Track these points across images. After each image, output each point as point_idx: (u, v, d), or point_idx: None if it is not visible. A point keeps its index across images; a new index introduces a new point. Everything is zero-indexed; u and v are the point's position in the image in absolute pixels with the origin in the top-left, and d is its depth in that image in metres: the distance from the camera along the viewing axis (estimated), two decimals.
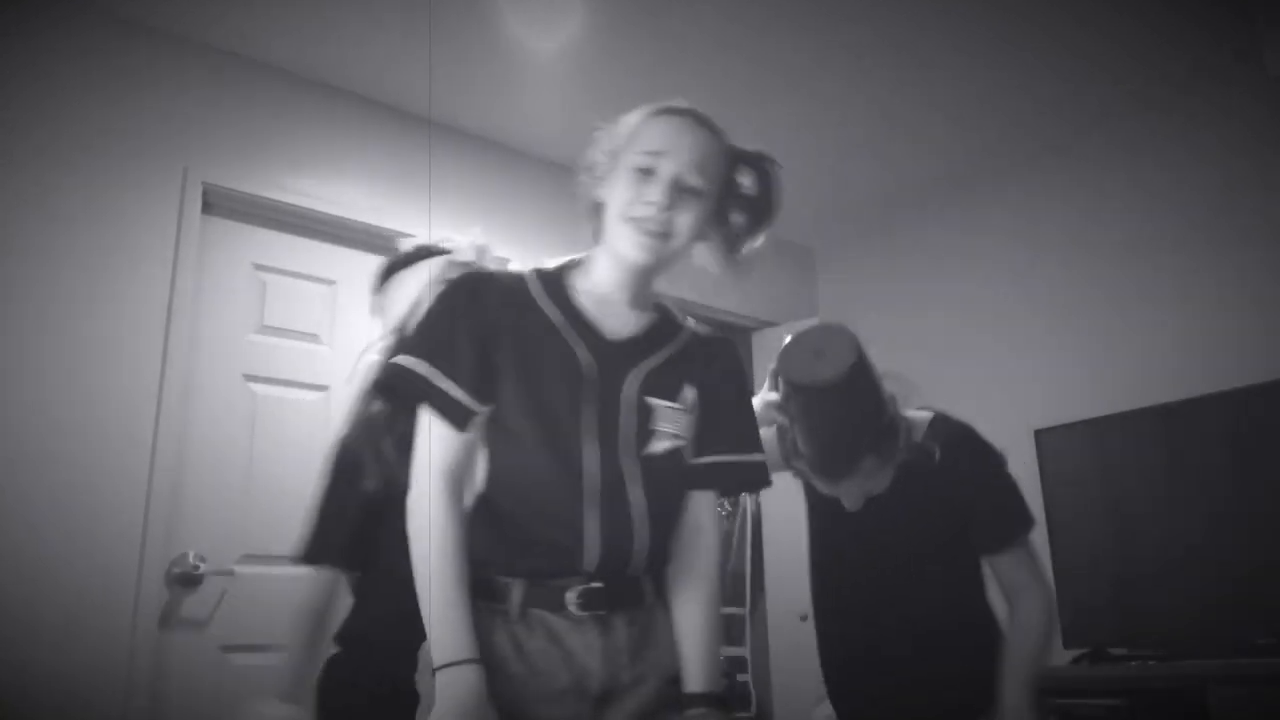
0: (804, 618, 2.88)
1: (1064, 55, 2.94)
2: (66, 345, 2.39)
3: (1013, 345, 3.56)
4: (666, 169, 1.21)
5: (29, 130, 2.44)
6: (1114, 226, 3.33)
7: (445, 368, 1.15)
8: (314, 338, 2.87)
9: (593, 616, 1.12)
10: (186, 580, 2.47)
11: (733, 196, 1.33)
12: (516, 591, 1.12)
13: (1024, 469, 3.25)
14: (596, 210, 1.28)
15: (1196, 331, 3.06)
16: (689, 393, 1.24)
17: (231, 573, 2.53)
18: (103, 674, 2.26)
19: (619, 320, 1.24)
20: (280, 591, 2.62)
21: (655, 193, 1.19)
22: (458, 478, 1.15)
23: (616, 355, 1.21)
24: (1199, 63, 3.02)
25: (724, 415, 1.28)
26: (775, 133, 3.38)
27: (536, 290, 1.24)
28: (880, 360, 1.76)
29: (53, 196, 2.44)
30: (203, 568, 2.49)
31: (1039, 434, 3.16)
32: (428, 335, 1.20)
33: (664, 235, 1.20)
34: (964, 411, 3.68)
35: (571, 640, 1.11)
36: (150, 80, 2.66)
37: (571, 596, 1.11)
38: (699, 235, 1.27)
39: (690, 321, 1.35)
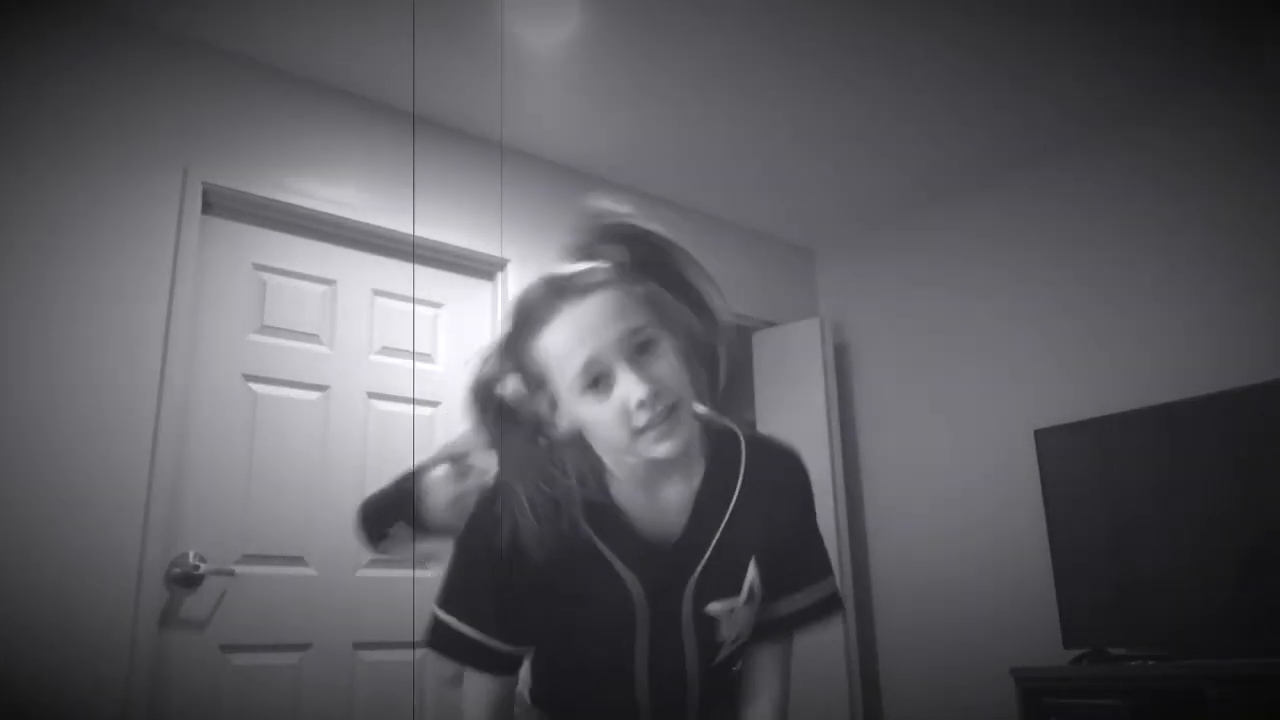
0: None
1: (1064, 56, 2.94)
2: (66, 345, 2.39)
3: (1013, 345, 3.56)
4: (615, 361, 1.03)
5: (29, 130, 2.44)
6: (1114, 226, 3.34)
7: (484, 625, 1.09)
8: (314, 338, 2.87)
9: None
10: (186, 580, 2.47)
11: (650, 274, 1.14)
12: None
13: (1024, 469, 3.26)
14: (584, 447, 1.10)
15: (1196, 331, 3.06)
16: (751, 575, 1.12)
17: (231, 573, 2.53)
18: (103, 674, 2.25)
19: (670, 513, 1.11)
20: (280, 592, 2.63)
21: (631, 390, 1.02)
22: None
23: (667, 569, 1.10)
24: (1199, 63, 3.02)
25: (790, 547, 1.17)
26: (775, 133, 3.38)
27: (583, 513, 1.09)
28: (880, 360, 1.76)
29: (53, 196, 2.44)
30: (203, 568, 2.49)
31: (1039, 434, 3.16)
32: (462, 588, 1.12)
33: (674, 413, 1.03)
34: (964, 411, 3.69)
35: None
36: (150, 80, 2.66)
37: None
38: (681, 355, 1.09)
39: (744, 441, 1.18)
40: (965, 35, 2.83)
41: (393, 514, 1.57)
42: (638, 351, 1.04)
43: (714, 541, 1.11)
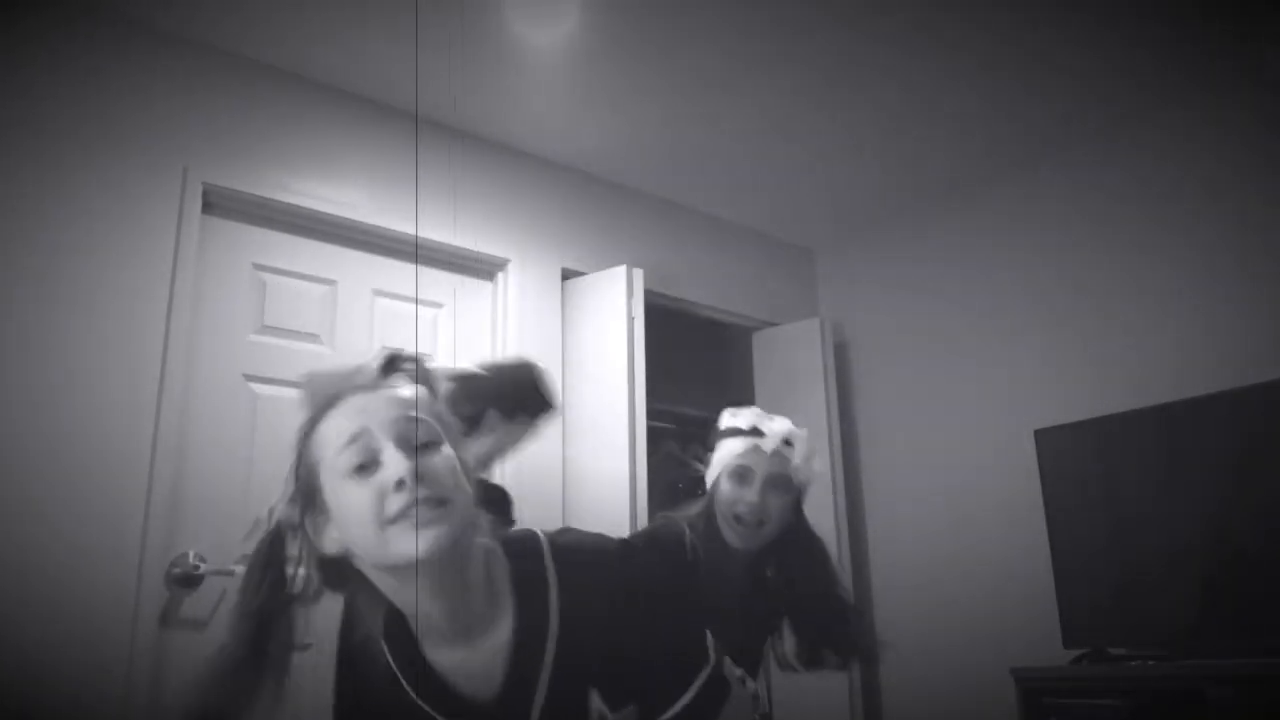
0: None
1: (1064, 57, 2.94)
2: (66, 345, 2.39)
3: (1013, 345, 3.56)
4: (382, 440, 0.96)
5: (29, 130, 2.44)
6: (1114, 226, 3.34)
7: None
8: (314, 338, 2.87)
9: None
10: (186, 580, 2.47)
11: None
12: None
13: (1024, 469, 3.26)
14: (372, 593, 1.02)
15: (1196, 331, 3.06)
16: (596, 706, 1.01)
17: (231, 573, 2.53)
18: (103, 674, 2.25)
19: (482, 663, 1.01)
20: None
21: (393, 470, 0.94)
22: None
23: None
24: (1198, 63, 3.02)
25: (649, 649, 1.03)
26: (775, 133, 3.38)
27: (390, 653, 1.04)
28: (880, 360, 1.78)
29: (53, 196, 2.44)
30: (203, 568, 2.49)
31: (1039, 434, 3.16)
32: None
33: (440, 504, 0.94)
34: (964, 411, 3.70)
35: None
36: (150, 80, 2.66)
37: None
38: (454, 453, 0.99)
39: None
40: (965, 37, 2.83)
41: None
42: (416, 443, 0.95)
43: (542, 687, 0.97)
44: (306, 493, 1.00)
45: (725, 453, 1.79)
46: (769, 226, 4.14)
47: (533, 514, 1.70)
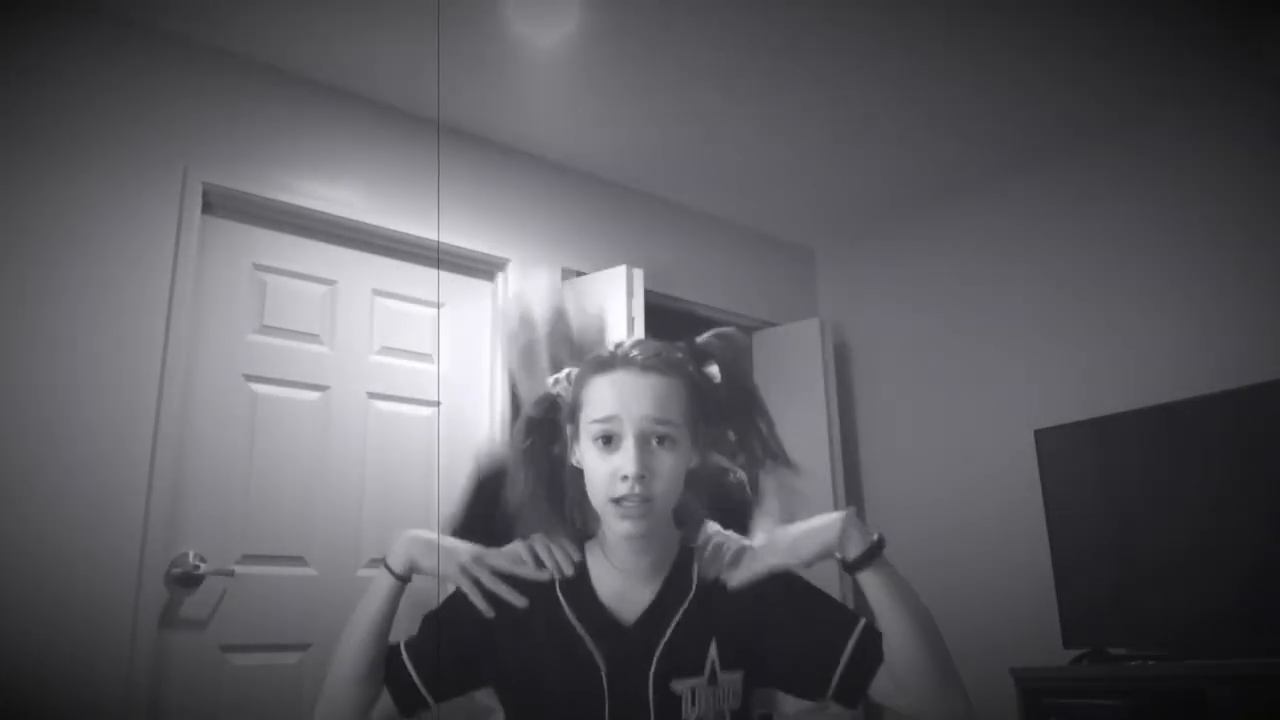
0: None
1: (1064, 56, 2.94)
2: (66, 345, 2.39)
3: (1013, 345, 3.56)
4: (627, 433, 1.11)
5: (29, 130, 2.44)
6: (1114, 226, 3.34)
7: (417, 658, 1.21)
8: (314, 338, 2.87)
9: None
10: (186, 580, 2.47)
11: (710, 396, 1.22)
12: None
13: (1024, 469, 3.26)
14: (579, 477, 1.18)
15: (1196, 331, 3.06)
16: (712, 654, 1.14)
17: (231, 573, 2.53)
18: (103, 674, 2.25)
19: (638, 592, 1.17)
20: (280, 591, 2.63)
21: (625, 464, 1.10)
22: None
23: (634, 642, 1.14)
24: (1198, 63, 3.02)
25: (795, 636, 1.15)
26: (776, 133, 3.38)
27: (561, 588, 1.19)
28: (880, 360, 1.78)
29: (53, 197, 2.44)
30: (203, 568, 2.49)
31: (1039, 434, 3.16)
32: (426, 627, 1.25)
33: (647, 502, 1.11)
34: (964, 411, 3.69)
35: None
36: (150, 80, 2.66)
37: None
38: (691, 464, 1.17)
39: (708, 531, 1.24)
40: (965, 36, 2.83)
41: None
42: (654, 438, 1.12)
43: (675, 621, 1.15)
44: (571, 411, 1.19)
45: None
46: (769, 226, 4.14)
47: None
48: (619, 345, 1.20)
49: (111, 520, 2.35)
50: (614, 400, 1.13)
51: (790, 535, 1.15)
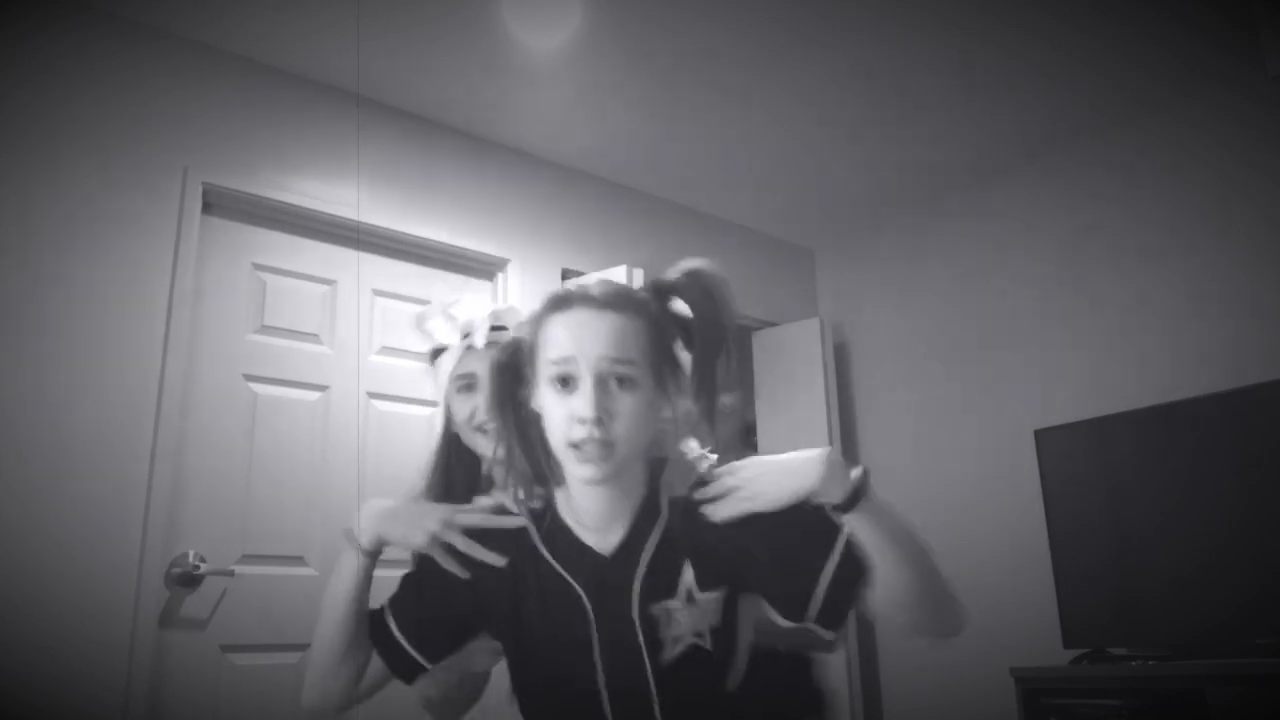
0: None
1: (1064, 57, 2.94)
2: (66, 345, 2.39)
3: (1013, 345, 3.56)
4: (584, 375, 1.08)
5: (29, 130, 2.44)
6: (1114, 226, 3.34)
7: (413, 635, 1.21)
8: (314, 338, 2.87)
9: None
10: (186, 580, 2.47)
11: (675, 334, 1.16)
12: None
13: (1024, 469, 3.26)
14: (539, 420, 1.16)
15: (1197, 331, 3.06)
16: (688, 574, 1.13)
17: (231, 573, 2.53)
18: (103, 674, 2.25)
19: (610, 528, 1.16)
20: (280, 591, 2.63)
21: (582, 406, 1.07)
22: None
23: (614, 573, 1.14)
24: (1197, 64, 3.02)
25: (766, 552, 1.13)
26: (775, 132, 3.38)
27: (533, 532, 1.19)
28: (880, 360, 1.77)
29: (53, 197, 2.44)
30: (203, 568, 2.49)
31: (1039, 434, 3.16)
32: (413, 599, 1.24)
33: (607, 446, 1.07)
34: (964, 411, 3.68)
35: None
36: (150, 80, 2.66)
37: None
38: (655, 410, 1.13)
39: (683, 452, 1.24)
40: (966, 35, 2.83)
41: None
42: (613, 379, 1.08)
43: (650, 547, 1.14)
44: (529, 354, 1.16)
45: (443, 372, 1.63)
46: (769, 226, 4.14)
47: None
48: (572, 288, 1.16)
49: (111, 520, 2.35)
50: (570, 340, 1.09)
51: (766, 475, 1.11)
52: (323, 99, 2.98)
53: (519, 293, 3.26)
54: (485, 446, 1.53)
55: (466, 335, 1.59)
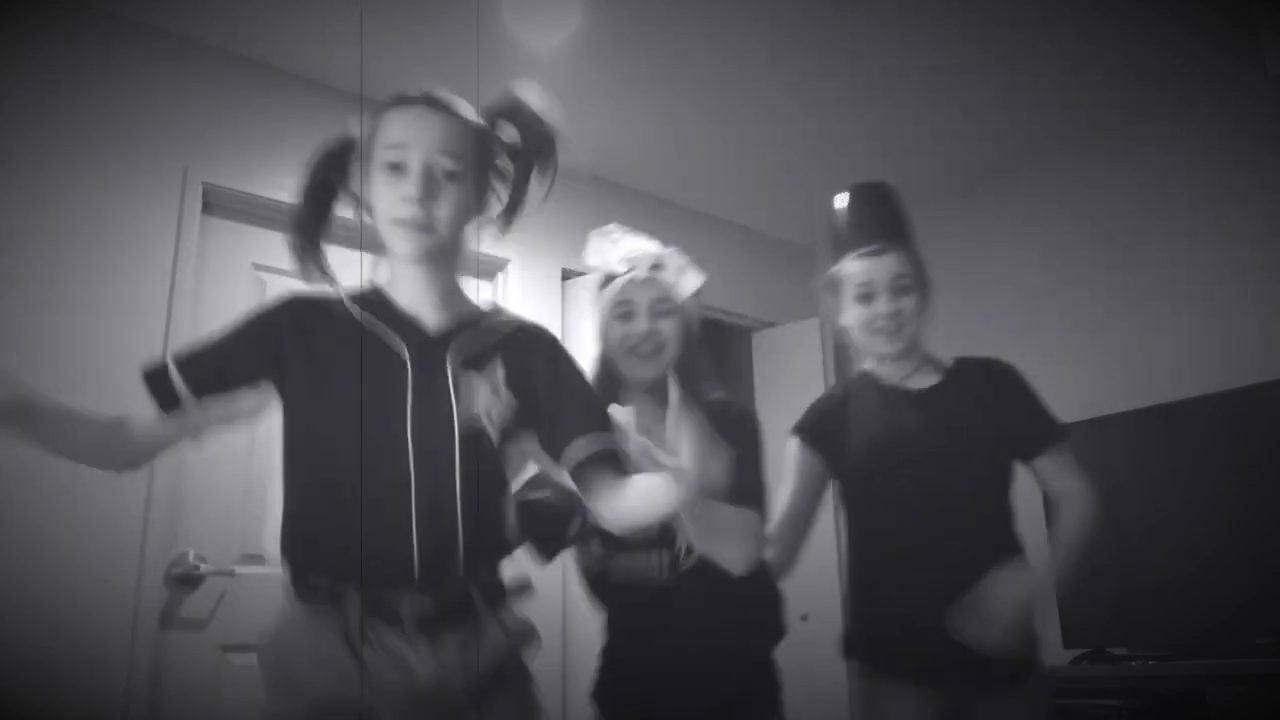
0: (804, 618, 2.88)
1: (1065, 56, 2.94)
2: (67, 344, 2.38)
3: (1013, 345, 3.54)
4: (415, 160, 1.21)
5: (29, 130, 2.44)
6: (1115, 227, 3.34)
7: (191, 376, 1.30)
8: None
9: (424, 631, 1.14)
10: (186, 580, 2.47)
11: (499, 156, 1.34)
12: (351, 603, 1.18)
13: (1024, 469, 3.25)
14: (372, 214, 1.29)
15: (1197, 331, 3.06)
16: (500, 373, 1.25)
17: (231, 573, 2.53)
18: (103, 674, 2.26)
19: (433, 317, 1.27)
20: (280, 591, 2.62)
21: (410, 187, 1.20)
22: None
23: (435, 343, 1.24)
24: (1198, 64, 3.02)
25: (563, 399, 1.28)
26: (775, 131, 3.38)
27: (351, 305, 1.31)
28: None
29: (52, 196, 2.44)
30: (203, 568, 2.49)
31: None
32: (207, 351, 1.36)
33: (427, 228, 1.22)
34: None
35: (408, 656, 1.13)
36: (150, 80, 2.66)
37: (403, 609, 1.14)
38: (469, 215, 1.28)
39: (508, 314, 1.37)
40: (965, 35, 2.83)
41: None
42: (441, 171, 1.21)
43: (479, 338, 1.26)
44: (349, 156, 1.34)
45: (604, 299, 1.76)
46: (768, 225, 4.14)
47: None
48: (417, 93, 1.31)
49: (111, 520, 2.35)
50: (405, 132, 1.24)
51: (628, 496, 1.18)
52: (323, 99, 2.98)
53: (519, 293, 3.26)
54: (637, 369, 1.67)
55: (632, 268, 1.73)
